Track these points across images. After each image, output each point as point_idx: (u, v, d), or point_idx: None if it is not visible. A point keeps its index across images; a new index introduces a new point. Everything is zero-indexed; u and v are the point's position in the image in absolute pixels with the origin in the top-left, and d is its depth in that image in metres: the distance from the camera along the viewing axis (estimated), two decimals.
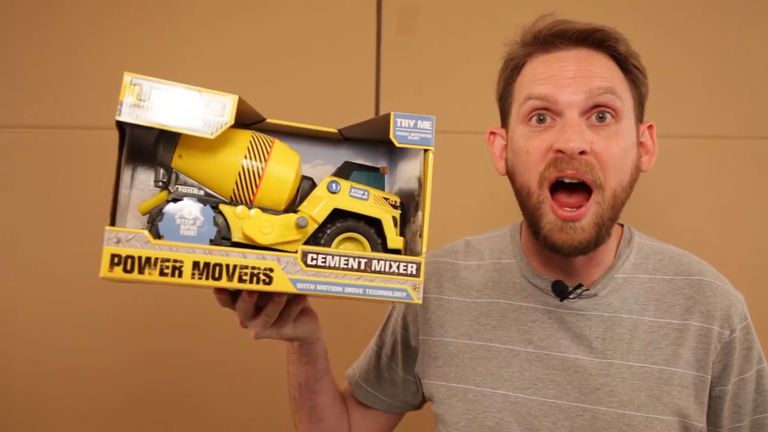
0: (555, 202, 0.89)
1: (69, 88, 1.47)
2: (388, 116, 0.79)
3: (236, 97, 0.76)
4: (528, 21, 0.95)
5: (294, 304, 0.85)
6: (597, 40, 0.92)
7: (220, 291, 0.82)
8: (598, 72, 0.90)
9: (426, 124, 0.80)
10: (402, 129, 0.79)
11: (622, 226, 1.02)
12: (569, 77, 0.90)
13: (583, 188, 0.89)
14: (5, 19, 1.47)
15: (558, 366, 0.94)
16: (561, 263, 0.96)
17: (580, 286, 0.95)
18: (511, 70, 0.97)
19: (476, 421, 0.95)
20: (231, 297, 0.83)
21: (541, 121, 0.91)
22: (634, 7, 1.47)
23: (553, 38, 0.92)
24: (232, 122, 0.76)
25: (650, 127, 0.97)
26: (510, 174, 0.97)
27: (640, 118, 0.96)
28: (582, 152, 0.87)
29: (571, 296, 0.95)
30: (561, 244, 0.89)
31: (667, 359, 0.92)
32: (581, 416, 0.92)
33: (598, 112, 0.90)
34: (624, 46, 0.93)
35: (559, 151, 0.87)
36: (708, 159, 1.45)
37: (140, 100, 0.73)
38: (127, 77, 0.73)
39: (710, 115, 1.46)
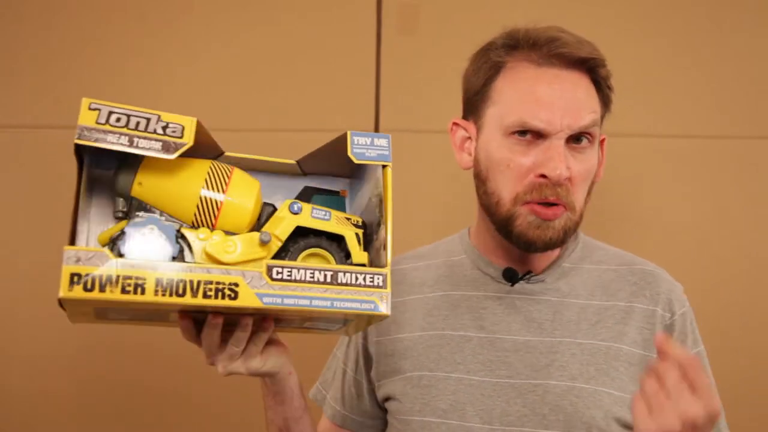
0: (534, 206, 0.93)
1: (69, 88, 1.47)
2: (344, 137, 0.81)
3: (195, 120, 0.77)
4: (520, 23, 0.96)
5: (261, 331, 0.84)
6: (590, 66, 0.94)
7: (184, 317, 0.81)
8: (584, 101, 0.93)
9: (382, 142, 0.82)
10: (359, 146, 0.81)
11: None
12: (561, 107, 0.91)
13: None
14: (5, 19, 1.48)
15: (509, 348, 0.96)
16: (515, 256, 0.99)
17: (529, 272, 0.99)
18: (495, 68, 0.96)
19: (430, 405, 0.96)
20: (196, 328, 0.82)
21: (522, 134, 0.93)
22: (633, 8, 1.47)
23: (551, 58, 0.93)
24: (191, 143, 0.76)
25: (602, 140, 1.01)
26: (478, 173, 0.99)
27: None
28: (566, 178, 0.91)
29: (521, 280, 0.99)
30: (534, 240, 0.93)
31: (614, 336, 0.96)
32: (533, 392, 0.94)
33: (578, 136, 0.93)
34: (604, 70, 0.96)
35: (543, 176, 0.91)
36: (707, 159, 1.44)
37: (98, 123, 0.74)
38: (85, 101, 0.74)
39: (710, 115, 1.45)
